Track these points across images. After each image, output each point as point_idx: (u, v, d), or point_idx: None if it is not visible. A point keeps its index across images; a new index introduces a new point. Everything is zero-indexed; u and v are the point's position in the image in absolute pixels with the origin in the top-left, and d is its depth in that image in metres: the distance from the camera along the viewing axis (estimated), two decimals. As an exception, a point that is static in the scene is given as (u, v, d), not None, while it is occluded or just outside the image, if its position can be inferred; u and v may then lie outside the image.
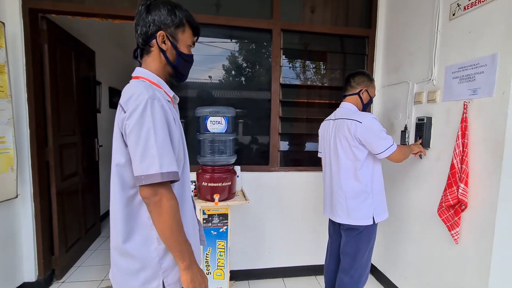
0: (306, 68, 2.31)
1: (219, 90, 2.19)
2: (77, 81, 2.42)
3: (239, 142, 2.20)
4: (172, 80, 0.91)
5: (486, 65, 1.31)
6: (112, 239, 0.83)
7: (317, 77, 2.35)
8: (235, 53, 2.18)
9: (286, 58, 2.25)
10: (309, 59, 2.32)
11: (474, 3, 1.38)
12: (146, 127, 0.72)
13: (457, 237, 1.43)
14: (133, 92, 0.76)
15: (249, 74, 2.24)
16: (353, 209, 1.48)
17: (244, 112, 2.20)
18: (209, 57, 2.13)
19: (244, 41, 2.20)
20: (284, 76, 2.22)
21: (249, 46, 2.23)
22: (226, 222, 1.77)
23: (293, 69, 2.29)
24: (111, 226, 0.83)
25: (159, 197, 0.74)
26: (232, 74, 2.20)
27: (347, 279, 1.55)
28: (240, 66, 2.21)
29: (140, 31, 0.84)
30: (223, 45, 2.15)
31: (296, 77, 2.29)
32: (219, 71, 2.16)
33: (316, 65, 2.35)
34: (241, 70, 2.22)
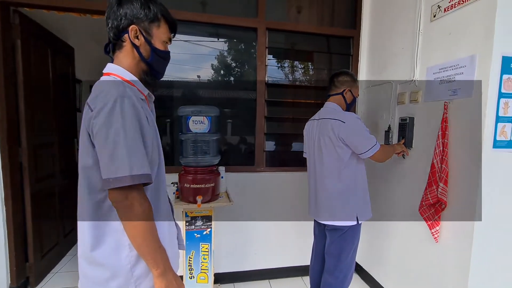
0: (292, 68, 2.30)
1: (204, 89, 2.15)
2: (54, 78, 2.31)
3: (224, 142, 2.17)
4: (146, 77, 0.86)
5: (465, 66, 1.34)
6: (79, 246, 0.78)
7: (303, 76, 2.35)
8: (221, 52, 2.15)
9: (273, 57, 2.23)
10: (295, 59, 2.31)
11: (453, 5, 1.40)
12: (115, 126, 0.68)
13: (437, 236, 1.45)
14: (102, 89, 0.71)
15: (235, 73, 2.21)
16: (337, 210, 1.47)
17: (230, 112, 2.16)
18: (194, 56, 2.08)
19: (230, 40, 2.16)
20: (270, 75, 2.20)
21: (235, 45, 2.20)
22: (210, 224, 1.73)
23: (280, 69, 2.28)
24: (78, 233, 0.78)
25: (129, 201, 0.70)
26: (218, 73, 2.16)
27: (332, 280, 1.54)
28: (226, 65, 2.18)
29: (111, 24, 0.79)
30: (208, 44, 2.10)
31: (282, 77, 2.28)
32: (204, 70, 2.11)
33: (303, 65, 2.34)
34: (227, 69, 2.19)
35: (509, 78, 1.24)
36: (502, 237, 1.32)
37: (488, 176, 1.27)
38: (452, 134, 1.40)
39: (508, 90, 1.25)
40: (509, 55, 1.23)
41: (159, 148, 0.84)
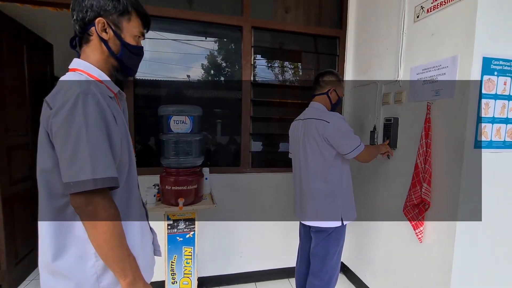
0: (281, 68, 2.27)
1: (190, 89, 2.09)
2: (30, 76, 2.20)
3: (209, 142, 2.12)
4: (117, 74, 0.81)
5: (447, 66, 1.34)
6: (40, 256, 0.72)
7: (290, 76, 2.33)
8: (208, 51, 2.10)
9: (261, 57, 2.20)
10: (282, 59, 2.28)
11: (436, 6, 1.40)
12: (77, 126, 0.63)
13: (421, 236, 1.45)
14: (63, 86, 0.66)
15: (222, 72, 2.16)
16: (322, 211, 1.45)
17: (216, 112, 2.12)
18: (180, 55, 2.03)
19: (217, 39, 2.12)
20: (256, 75, 2.17)
21: (222, 44, 2.15)
22: (193, 227, 1.68)
23: (267, 69, 2.25)
24: (39, 241, 0.72)
25: (93, 206, 0.65)
26: (205, 73, 2.11)
27: (317, 282, 1.52)
28: (213, 64, 2.13)
29: (76, 16, 0.74)
30: (195, 43, 2.05)
31: (269, 76, 2.25)
32: (191, 69, 2.06)
33: (290, 64, 2.32)
34: (214, 69, 2.14)
35: (490, 79, 1.25)
36: (484, 237, 1.33)
37: (469, 176, 1.27)
38: (435, 134, 1.40)
39: (488, 91, 1.26)
40: (490, 56, 1.24)
41: (130, 149, 0.79)
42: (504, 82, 1.27)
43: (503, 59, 1.26)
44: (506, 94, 1.28)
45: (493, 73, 1.25)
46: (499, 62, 1.25)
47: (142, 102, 1.97)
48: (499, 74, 1.26)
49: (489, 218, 1.32)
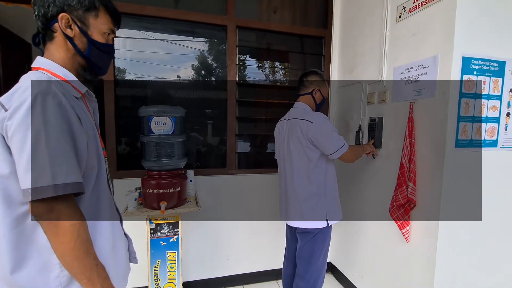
0: (265, 68, 2.25)
1: (174, 89, 2.04)
2: (6, 77, 2.11)
3: (195, 144, 2.08)
4: (85, 74, 0.77)
5: (428, 66, 1.35)
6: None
7: (276, 76, 2.31)
8: (192, 50, 2.05)
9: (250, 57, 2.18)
10: (268, 58, 2.26)
11: (417, 6, 1.41)
12: (35, 128, 0.58)
13: (407, 236, 1.45)
14: (20, 85, 0.62)
15: (207, 72, 2.12)
16: (306, 212, 1.44)
17: (200, 113, 2.08)
18: (163, 55, 1.98)
19: (202, 39, 2.08)
20: (243, 75, 2.15)
21: (207, 44, 2.11)
22: (177, 231, 1.63)
23: (253, 68, 2.22)
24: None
25: (55, 214, 0.61)
26: (189, 73, 2.07)
27: (303, 284, 1.51)
28: (198, 64, 2.09)
29: (38, 12, 0.70)
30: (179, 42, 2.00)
31: (255, 77, 2.22)
32: (175, 70, 2.01)
33: (276, 64, 2.30)
34: (199, 69, 2.10)
35: (469, 78, 1.27)
36: (466, 235, 1.34)
37: (450, 175, 1.28)
38: (418, 134, 1.41)
39: (468, 90, 1.27)
40: (469, 55, 1.25)
41: (99, 152, 0.75)
42: (483, 81, 1.29)
43: (482, 59, 1.27)
44: (486, 94, 1.30)
45: (472, 72, 1.26)
46: (478, 61, 1.27)
47: (125, 103, 1.92)
48: (478, 73, 1.27)
49: (474, 215, 1.33)
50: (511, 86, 1.34)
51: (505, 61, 1.31)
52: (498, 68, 1.31)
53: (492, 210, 1.36)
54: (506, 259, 1.43)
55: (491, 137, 1.34)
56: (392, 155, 1.59)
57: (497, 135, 1.35)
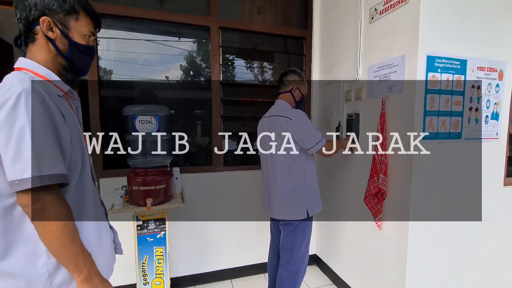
0: (248, 67, 2.32)
1: (159, 89, 2.08)
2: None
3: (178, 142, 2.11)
4: (67, 74, 0.81)
5: (398, 65, 1.44)
6: (-15, 257, 0.71)
7: (259, 75, 2.38)
8: (177, 51, 2.10)
9: (229, 56, 2.23)
10: (252, 58, 2.33)
11: (387, 8, 1.51)
12: (19, 125, 0.63)
13: (380, 224, 1.55)
14: (4, 84, 0.66)
15: (192, 72, 2.17)
16: (288, 204, 1.51)
17: (186, 112, 2.12)
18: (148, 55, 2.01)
19: (186, 39, 2.12)
20: (226, 74, 2.20)
21: (192, 44, 2.16)
22: (164, 227, 1.68)
23: (236, 68, 2.28)
24: None
25: (41, 204, 0.65)
26: (175, 73, 2.11)
27: (286, 274, 1.58)
28: (184, 64, 2.13)
29: (20, 15, 0.73)
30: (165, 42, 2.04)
31: (239, 76, 2.28)
32: (160, 70, 2.05)
33: (258, 64, 2.37)
34: (184, 69, 2.14)
35: (434, 76, 1.37)
36: (434, 224, 1.44)
37: (418, 166, 1.38)
38: (389, 127, 1.51)
39: (433, 87, 1.37)
40: (433, 54, 1.35)
41: (82, 147, 0.79)
42: (447, 78, 1.39)
43: (445, 58, 1.38)
44: (449, 90, 1.41)
45: (436, 70, 1.37)
46: (441, 60, 1.37)
47: (110, 104, 1.94)
48: (442, 71, 1.38)
49: (440, 204, 1.44)
50: (472, 82, 1.46)
51: (466, 59, 1.42)
52: (460, 66, 1.42)
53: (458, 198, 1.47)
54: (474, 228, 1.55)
55: (456, 130, 1.45)
56: (367, 149, 1.69)
57: (461, 128, 1.46)
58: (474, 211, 1.53)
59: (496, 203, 1.59)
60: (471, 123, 1.48)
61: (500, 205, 1.60)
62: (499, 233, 1.62)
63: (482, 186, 1.53)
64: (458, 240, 1.52)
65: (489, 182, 1.55)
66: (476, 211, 1.54)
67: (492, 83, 1.50)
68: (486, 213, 1.56)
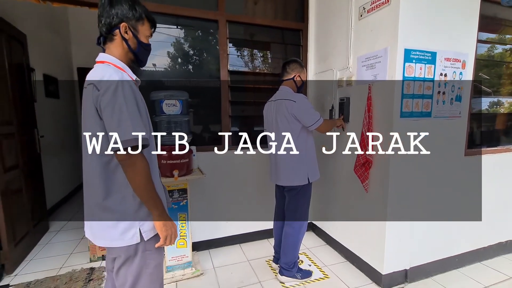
0: (252, 57, 2.57)
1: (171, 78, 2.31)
2: (9, 67, 2.25)
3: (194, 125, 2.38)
4: (133, 65, 1.07)
5: (381, 56, 1.75)
6: (91, 198, 0.98)
7: (262, 64, 2.64)
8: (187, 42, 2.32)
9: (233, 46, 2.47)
10: (254, 48, 2.57)
11: (373, 8, 1.79)
12: (119, 102, 0.89)
13: (367, 187, 1.90)
14: (104, 74, 0.91)
15: (200, 62, 2.40)
16: (292, 173, 1.83)
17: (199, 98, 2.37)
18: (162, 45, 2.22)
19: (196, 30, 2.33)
20: (232, 63, 2.45)
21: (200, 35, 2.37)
22: (186, 196, 1.97)
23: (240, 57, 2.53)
24: (89, 188, 0.98)
25: (133, 159, 0.92)
26: (186, 62, 2.34)
27: (290, 230, 1.91)
28: (193, 54, 2.36)
29: (104, 21, 0.98)
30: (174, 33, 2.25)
31: (243, 65, 2.54)
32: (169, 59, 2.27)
33: (261, 53, 2.62)
34: (190, 58, 2.37)
35: (410, 65, 1.69)
36: (409, 184, 1.80)
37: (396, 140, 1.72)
38: (374, 108, 1.83)
39: (409, 75, 1.69)
40: (410, 48, 1.66)
41: (148, 121, 1.06)
42: (420, 67, 1.72)
43: (419, 50, 1.69)
44: (422, 77, 1.73)
45: (412, 61, 1.68)
46: (416, 52, 1.69)
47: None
48: (416, 61, 1.70)
49: (414, 169, 1.80)
50: (441, 71, 1.79)
51: (436, 52, 1.75)
52: (431, 57, 1.74)
53: (427, 162, 1.84)
54: (439, 188, 1.93)
55: (427, 110, 1.79)
56: (357, 127, 2.01)
57: (431, 108, 1.80)
58: (441, 176, 1.91)
59: (458, 170, 1.97)
60: (439, 104, 1.83)
61: (461, 171, 1.99)
62: (460, 193, 2.01)
63: (447, 155, 1.90)
64: (426, 199, 1.89)
65: (453, 152, 1.93)
66: (443, 176, 1.91)
67: (456, 71, 1.84)
68: (449, 177, 1.94)
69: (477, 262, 2.19)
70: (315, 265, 2.18)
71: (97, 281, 1.95)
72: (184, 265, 2.02)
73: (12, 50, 2.30)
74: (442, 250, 2.02)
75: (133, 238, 0.99)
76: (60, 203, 3.60)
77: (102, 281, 1.95)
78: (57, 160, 3.55)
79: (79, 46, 4.34)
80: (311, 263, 2.21)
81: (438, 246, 2.00)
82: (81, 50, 4.35)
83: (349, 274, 2.04)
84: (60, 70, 3.86)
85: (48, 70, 3.45)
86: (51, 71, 3.54)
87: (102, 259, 2.24)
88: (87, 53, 4.36)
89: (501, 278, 2.01)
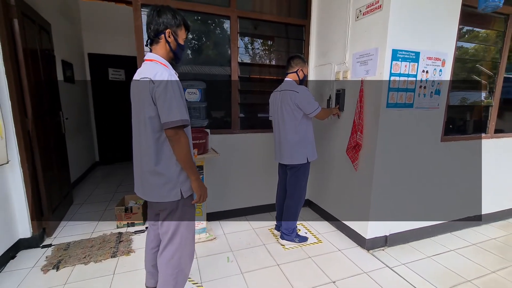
0: (259, 50, 2.83)
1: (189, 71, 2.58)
2: (41, 54, 2.49)
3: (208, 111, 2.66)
4: (172, 62, 1.36)
5: (373, 54, 2.04)
6: (145, 165, 1.29)
7: (266, 57, 2.90)
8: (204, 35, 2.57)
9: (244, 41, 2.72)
10: (262, 43, 2.83)
11: (367, 12, 2.06)
12: (170, 92, 1.19)
13: (356, 167, 2.24)
14: (157, 70, 1.20)
15: (213, 54, 2.66)
16: (294, 153, 2.15)
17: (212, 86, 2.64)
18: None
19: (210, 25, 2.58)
20: (240, 55, 2.71)
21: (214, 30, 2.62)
22: (202, 172, 2.29)
23: (249, 50, 2.79)
24: (142, 159, 1.29)
25: (179, 135, 1.23)
26: (200, 54, 2.60)
27: (291, 202, 2.27)
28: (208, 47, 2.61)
29: (153, 28, 1.26)
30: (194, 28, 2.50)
31: (251, 57, 2.80)
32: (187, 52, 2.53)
33: (267, 47, 2.88)
34: (204, 51, 2.63)
35: (396, 63, 1.98)
36: (392, 165, 2.14)
37: (383, 125, 2.04)
38: (365, 99, 2.14)
39: (395, 71, 1.99)
40: (396, 48, 1.95)
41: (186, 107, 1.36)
42: (405, 65, 2.01)
43: (404, 50, 1.98)
44: (406, 73, 2.03)
45: (398, 59, 1.98)
46: (402, 52, 1.98)
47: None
48: (402, 60, 1.99)
49: (397, 152, 2.13)
50: (423, 68, 2.09)
51: (419, 52, 2.04)
52: (415, 56, 2.03)
53: (408, 147, 2.17)
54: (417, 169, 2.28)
55: (409, 101, 2.10)
56: (350, 115, 2.33)
57: (413, 100, 2.11)
58: (420, 158, 2.25)
59: (435, 154, 2.31)
60: (420, 97, 2.14)
61: (437, 155, 2.33)
62: (436, 173, 2.37)
63: (426, 140, 2.23)
64: (407, 178, 2.24)
65: (431, 138, 2.26)
66: (422, 158, 2.25)
67: (436, 69, 2.14)
68: (427, 160, 2.28)
69: (448, 233, 2.58)
70: (311, 233, 2.55)
71: (126, 242, 2.31)
72: (199, 230, 2.38)
73: (42, 39, 2.54)
74: (418, 221, 2.40)
75: (176, 196, 1.32)
76: (77, 181, 3.92)
77: (130, 242, 2.31)
78: (73, 141, 3.84)
79: (88, 33, 4.52)
80: (307, 231, 2.58)
81: (415, 217, 2.37)
82: (91, 37, 4.54)
83: (339, 240, 2.42)
84: (76, 56, 4.07)
85: (65, 56, 3.67)
86: (69, 58, 3.76)
87: (127, 226, 2.59)
88: (96, 39, 4.56)
89: (466, 244, 2.41)
